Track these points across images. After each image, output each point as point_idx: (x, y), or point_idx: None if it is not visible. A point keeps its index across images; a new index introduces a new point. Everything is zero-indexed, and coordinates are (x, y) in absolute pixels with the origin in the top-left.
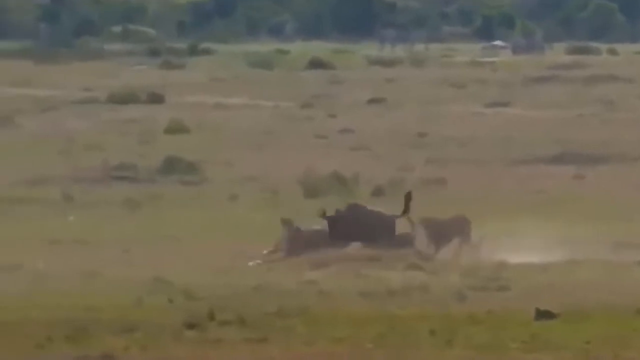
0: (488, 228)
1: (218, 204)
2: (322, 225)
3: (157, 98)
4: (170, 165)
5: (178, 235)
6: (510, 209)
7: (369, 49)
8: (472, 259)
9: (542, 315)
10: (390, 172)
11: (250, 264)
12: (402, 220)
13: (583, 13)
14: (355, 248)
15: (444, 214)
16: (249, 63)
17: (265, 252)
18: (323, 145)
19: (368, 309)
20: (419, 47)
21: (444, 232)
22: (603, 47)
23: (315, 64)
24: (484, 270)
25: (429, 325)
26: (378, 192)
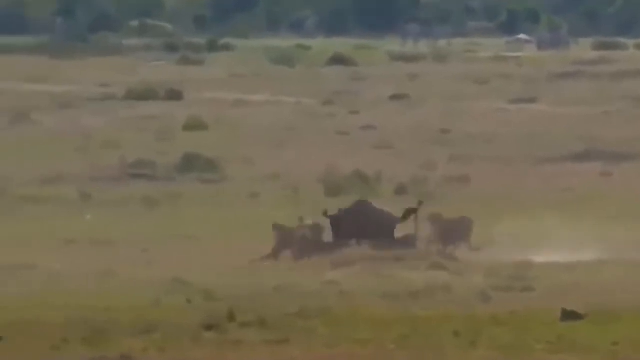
0: (512, 227)
1: (238, 203)
2: (312, 227)
3: (175, 94)
4: (189, 163)
5: (197, 235)
6: (536, 207)
7: (392, 45)
8: (496, 258)
9: (568, 316)
10: (413, 169)
11: (249, 262)
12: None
13: (610, 8)
14: (353, 249)
15: (468, 213)
16: (270, 59)
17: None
18: (345, 143)
19: (390, 310)
20: (442, 42)
21: (450, 231)
22: (630, 42)
23: (337, 60)
24: (509, 270)
25: (453, 327)
26: (401, 190)
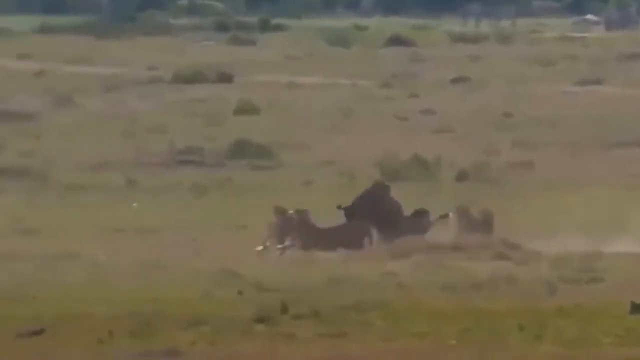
0: (579, 215)
1: (291, 190)
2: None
3: (225, 77)
4: (240, 149)
5: (248, 224)
6: (603, 195)
7: (452, 25)
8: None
9: (637, 309)
10: (475, 155)
11: (258, 249)
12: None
13: None
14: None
15: (532, 200)
16: (325, 39)
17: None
18: (403, 127)
19: (451, 303)
20: (505, 22)
21: (474, 223)
22: None
23: (395, 41)
24: (576, 261)
25: (517, 320)
26: (462, 176)
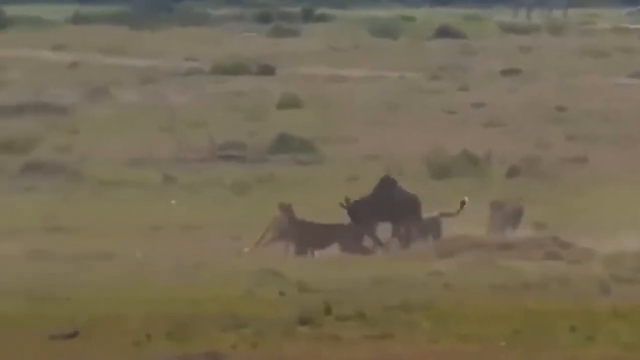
0: (635, 212)
1: (336, 186)
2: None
3: (267, 69)
4: (283, 144)
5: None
6: None
7: (502, 15)
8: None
9: None
10: (527, 150)
11: (246, 250)
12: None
13: None
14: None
15: (585, 196)
16: (371, 30)
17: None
18: (452, 121)
19: (500, 303)
20: (557, 12)
21: (505, 217)
22: None
23: (444, 32)
24: (631, 260)
25: (569, 321)
26: (513, 172)
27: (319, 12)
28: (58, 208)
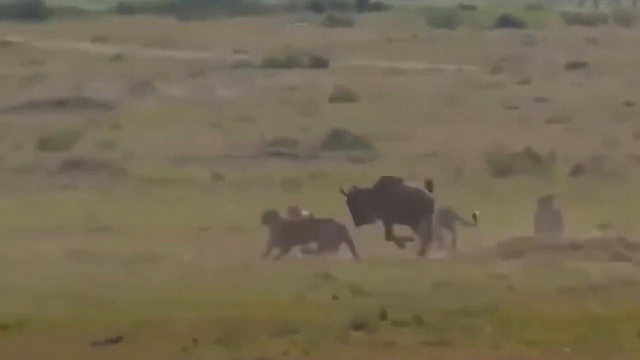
0: None
1: None
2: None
3: (320, 61)
4: (336, 140)
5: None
6: None
7: (567, 5)
8: None
9: None
10: (592, 147)
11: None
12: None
13: None
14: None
15: None
16: (429, 20)
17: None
18: (513, 116)
19: (566, 307)
20: (626, 2)
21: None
22: None
23: (505, 22)
24: None
25: (636, 326)
26: (577, 170)
27: (374, 0)
28: (99, 207)
